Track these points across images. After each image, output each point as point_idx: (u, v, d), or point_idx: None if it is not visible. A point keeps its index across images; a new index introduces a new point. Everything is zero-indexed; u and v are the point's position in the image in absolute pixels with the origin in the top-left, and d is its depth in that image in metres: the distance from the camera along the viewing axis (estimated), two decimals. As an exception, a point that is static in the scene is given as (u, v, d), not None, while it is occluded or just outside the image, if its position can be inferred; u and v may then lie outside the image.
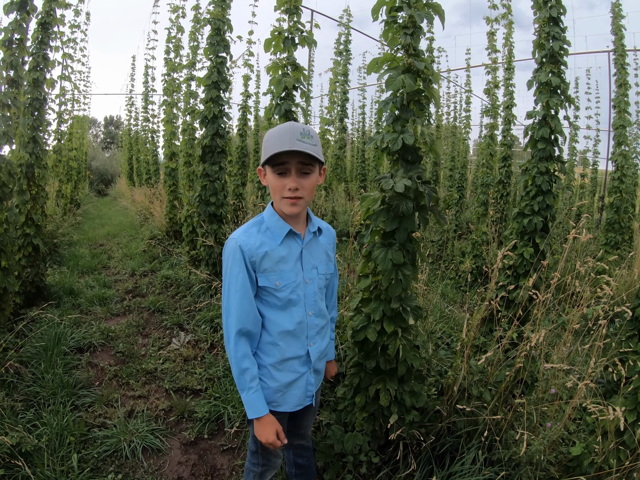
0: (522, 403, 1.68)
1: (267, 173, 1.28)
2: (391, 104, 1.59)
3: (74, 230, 8.26)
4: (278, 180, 1.25)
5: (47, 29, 5.45)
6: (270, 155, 1.20)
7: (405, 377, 1.90)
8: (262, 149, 1.29)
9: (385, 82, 1.53)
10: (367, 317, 1.80)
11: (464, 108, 9.97)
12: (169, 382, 2.91)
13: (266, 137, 1.28)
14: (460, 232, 7.96)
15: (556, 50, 2.74)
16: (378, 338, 1.76)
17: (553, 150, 2.78)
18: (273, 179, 1.26)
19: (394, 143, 1.53)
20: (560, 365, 1.52)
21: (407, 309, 1.69)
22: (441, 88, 11.47)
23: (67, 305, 4.18)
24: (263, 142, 1.29)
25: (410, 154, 1.59)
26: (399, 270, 1.60)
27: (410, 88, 1.52)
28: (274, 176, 1.26)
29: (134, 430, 2.34)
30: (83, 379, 2.83)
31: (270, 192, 1.32)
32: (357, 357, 1.89)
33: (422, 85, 1.61)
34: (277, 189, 1.26)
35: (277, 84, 2.78)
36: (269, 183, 1.29)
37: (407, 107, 1.58)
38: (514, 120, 6.24)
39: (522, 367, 1.75)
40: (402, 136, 1.54)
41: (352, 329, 1.82)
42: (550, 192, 2.77)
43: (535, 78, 2.78)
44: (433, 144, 1.54)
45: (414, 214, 1.58)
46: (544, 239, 2.79)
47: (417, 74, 1.62)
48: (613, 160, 5.89)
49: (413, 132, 1.54)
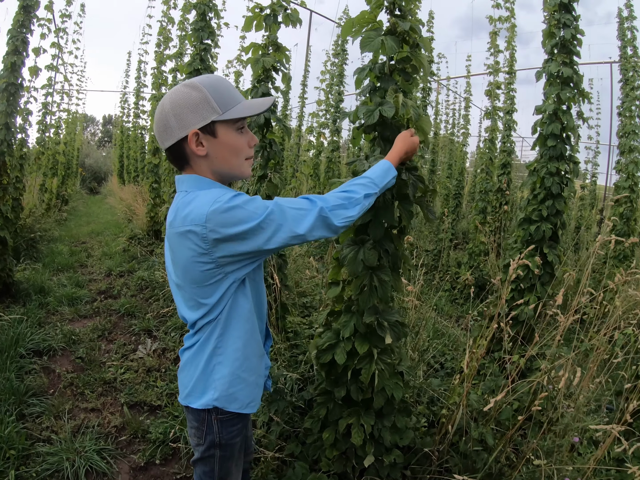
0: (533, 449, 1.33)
1: (224, 133, 1.04)
2: (368, 71, 1.28)
3: (57, 226, 7.99)
4: (241, 138, 1.08)
5: (29, 12, 5.16)
6: (256, 113, 1.07)
7: (385, 410, 1.55)
8: (207, 105, 1.01)
9: (360, 42, 1.23)
10: (335, 334, 1.46)
11: (463, 115, 9.78)
12: (126, 394, 2.65)
13: (214, 89, 1.02)
14: (457, 241, 7.66)
15: (568, 39, 2.45)
16: (348, 360, 1.42)
17: (564, 149, 2.46)
18: (236, 139, 1.06)
19: (369, 116, 1.22)
20: (586, 406, 1.19)
21: (385, 325, 1.36)
22: (440, 95, 11.28)
23: (34, 304, 3.90)
24: (210, 96, 1.01)
25: (390, 130, 1.28)
26: (374, 275, 1.28)
27: (391, 51, 1.21)
28: (236, 134, 1.06)
29: (81, 448, 2.11)
30: (35, 386, 2.61)
31: (219, 157, 1.05)
32: (325, 384, 1.55)
33: (410, 51, 1.31)
34: (242, 149, 1.08)
35: (255, 63, 2.47)
36: (225, 145, 1.05)
37: (390, 76, 1.28)
38: (514, 127, 6.02)
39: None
40: (380, 108, 1.23)
41: (317, 348, 1.48)
42: (561, 195, 2.45)
43: (545, 69, 2.48)
44: (419, 120, 1.23)
45: (392, 204, 1.25)
46: (553, 248, 2.47)
47: (403, 39, 1.32)
48: (618, 169, 5.63)
49: (394, 104, 1.23)
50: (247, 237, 0.97)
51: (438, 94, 10.92)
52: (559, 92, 2.41)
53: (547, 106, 2.43)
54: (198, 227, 0.96)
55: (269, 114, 2.50)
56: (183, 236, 0.99)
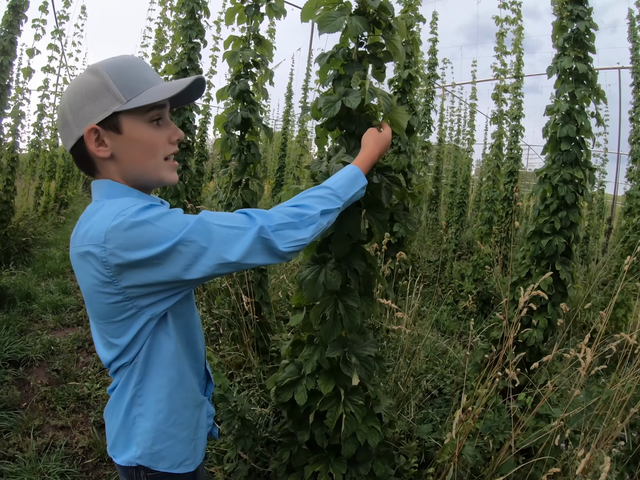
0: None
1: (130, 127, 0.80)
2: (329, 57, 1.05)
3: (54, 230, 7.87)
4: (158, 132, 0.83)
5: (17, 12, 5.08)
6: (172, 95, 0.79)
7: (359, 457, 1.29)
8: (107, 91, 0.77)
9: (318, 22, 1.00)
10: (298, 368, 1.21)
11: (468, 122, 9.55)
12: (98, 412, 2.51)
13: (116, 71, 0.78)
14: (460, 252, 7.37)
15: (582, 32, 2.20)
16: (311, 401, 1.17)
17: (579, 154, 2.19)
18: (148, 133, 0.81)
19: (330, 108, 0.99)
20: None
21: (352, 362, 1.10)
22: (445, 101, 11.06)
23: (18, 311, 3.77)
24: (110, 80, 0.77)
25: (356, 124, 1.03)
26: (338, 301, 1.02)
27: (355, 32, 0.98)
28: (148, 127, 0.81)
29: (44, 470, 2.02)
30: (7, 399, 2.52)
31: (128, 158, 0.81)
32: (287, 424, 1.29)
33: (382, 35, 1.08)
34: (157, 146, 0.83)
35: (231, 58, 2.25)
36: (133, 142, 0.80)
37: (359, 63, 1.05)
38: (522, 132, 5.77)
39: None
40: (344, 99, 0.99)
41: (276, 384, 1.23)
42: (576, 206, 2.16)
43: (557, 64, 2.22)
44: (392, 111, 0.98)
45: (359, 212, 1.00)
46: (566, 265, 2.18)
47: (374, 21, 1.09)
48: (630, 177, 5.36)
49: (361, 94, 1.00)
50: (158, 264, 0.73)
51: (443, 100, 10.72)
52: (573, 89, 2.14)
53: (560, 106, 2.17)
54: (97, 249, 0.72)
55: (246, 112, 2.28)
56: (82, 258, 0.75)
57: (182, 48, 3.88)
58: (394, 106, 1.01)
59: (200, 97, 0.91)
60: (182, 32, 3.84)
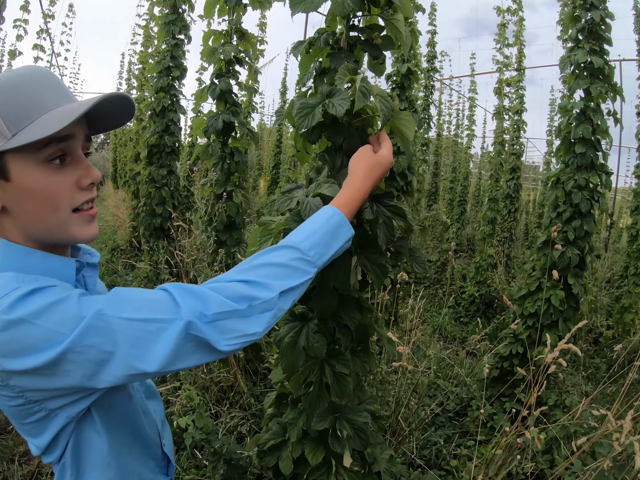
0: None
1: (19, 171, 0.58)
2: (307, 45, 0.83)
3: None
4: (59, 175, 0.60)
5: (-8, 11, 4.84)
6: (69, 123, 0.55)
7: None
8: None
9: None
10: (283, 430, 1.02)
11: (467, 116, 9.29)
12: None
13: (3, 92, 0.57)
14: (461, 251, 7.18)
15: (597, 22, 1.98)
16: (298, 467, 0.98)
17: (595, 157, 1.99)
18: (45, 179, 0.59)
19: (306, 117, 0.75)
20: None
21: (343, 433, 0.89)
22: (443, 95, 10.79)
23: None
24: None
25: (344, 135, 0.81)
26: (325, 366, 0.82)
27: (344, 9, 0.75)
28: (45, 170, 0.59)
29: None
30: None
31: (23, 211, 0.60)
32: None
33: (380, 15, 0.86)
34: (59, 195, 0.60)
35: (210, 55, 2.03)
36: (26, 192, 0.58)
37: (349, 52, 0.83)
38: (524, 127, 5.56)
39: None
40: (326, 102, 0.76)
41: (258, 447, 1.03)
42: (591, 214, 1.97)
43: (570, 58, 1.99)
44: (394, 117, 0.76)
45: (349, 259, 0.79)
46: (579, 277, 1.99)
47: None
48: (637, 174, 5.17)
49: (350, 95, 0.76)
50: (50, 374, 0.53)
51: (441, 93, 10.46)
52: (588, 86, 1.93)
53: (575, 104, 1.95)
54: None
55: (229, 116, 2.06)
56: None
57: (165, 45, 3.65)
58: (396, 110, 0.77)
59: (131, 117, 0.68)
60: (165, 28, 3.60)
